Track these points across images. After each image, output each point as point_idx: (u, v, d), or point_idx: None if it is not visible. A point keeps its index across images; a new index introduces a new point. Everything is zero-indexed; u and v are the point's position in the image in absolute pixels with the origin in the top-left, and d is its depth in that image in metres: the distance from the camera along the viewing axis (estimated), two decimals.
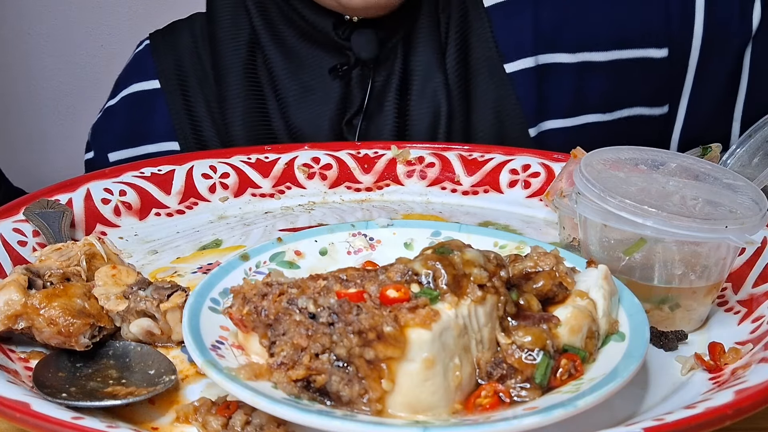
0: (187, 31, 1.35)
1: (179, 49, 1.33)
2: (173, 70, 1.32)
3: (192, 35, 1.34)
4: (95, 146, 1.37)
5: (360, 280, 0.64)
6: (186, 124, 1.30)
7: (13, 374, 0.68)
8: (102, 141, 1.36)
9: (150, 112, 1.33)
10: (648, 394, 0.68)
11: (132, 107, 1.34)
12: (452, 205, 1.10)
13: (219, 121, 1.28)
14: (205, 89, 1.30)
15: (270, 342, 0.63)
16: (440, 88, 1.23)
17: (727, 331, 0.77)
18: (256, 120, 1.27)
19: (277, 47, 1.26)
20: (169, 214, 1.04)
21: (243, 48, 1.28)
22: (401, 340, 0.59)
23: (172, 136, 1.31)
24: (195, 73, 1.32)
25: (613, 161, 0.81)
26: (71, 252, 0.79)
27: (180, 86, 1.31)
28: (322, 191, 1.11)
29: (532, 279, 0.68)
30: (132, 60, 1.38)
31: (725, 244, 0.73)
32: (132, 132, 1.33)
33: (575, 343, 0.65)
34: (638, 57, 1.24)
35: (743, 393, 0.61)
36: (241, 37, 1.28)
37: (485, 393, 0.61)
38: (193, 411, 0.63)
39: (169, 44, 1.34)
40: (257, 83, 1.28)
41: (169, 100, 1.31)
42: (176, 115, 1.31)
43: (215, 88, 1.29)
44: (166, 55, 1.33)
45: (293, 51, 1.26)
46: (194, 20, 1.36)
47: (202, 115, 1.30)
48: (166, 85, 1.31)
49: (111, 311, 0.73)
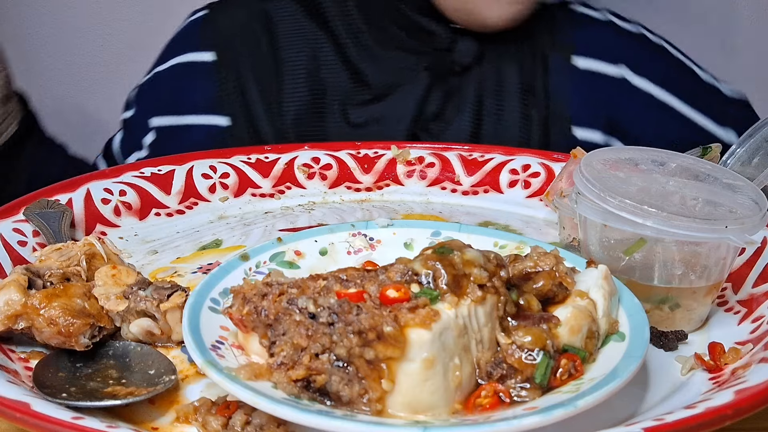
0: (244, 7, 1.33)
1: (236, 24, 1.32)
2: (228, 45, 1.30)
3: (249, 11, 1.32)
4: (138, 107, 1.35)
5: (360, 280, 0.64)
6: (236, 100, 1.29)
7: (13, 374, 0.68)
8: (146, 104, 1.35)
9: (199, 83, 1.31)
10: (648, 394, 0.68)
11: (182, 76, 1.32)
12: (452, 205, 1.10)
13: (274, 105, 1.28)
14: (260, 69, 1.29)
15: (270, 342, 0.63)
16: (516, 110, 1.26)
17: (727, 331, 0.77)
18: (310, 117, 1.28)
19: (361, 47, 1.27)
20: (169, 214, 1.04)
21: (304, 45, 1.28)
22: (401, 340, 0.59)
23: (219, 110, 1.29)
24: (249, 50, 1.30)
25: (613, 161, 0.81)
26: (71, 252, 0.79)
27: (233, 62, 1.30)
28: (322, 191, 1.11)
29: (532, 279, 0.68)
30: (185, 28, 1.36)
31: (725, 244, 0.73)
32: (178, 100, 1.32)
33: (575, 343, 0.65)
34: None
35: (743, 393, 0.61)
36: (304, 32, 1.29)
37: (485, 393, 0.61)
38: (193, 411, 0.63)
39: (226, 17, 1.33)
40: (319, 81, 1.28)
41: (221, 73, 1.30)
42: (226, 89, 1.29)
43: (273, 72, 1.28)
44: (222, 28, 1.32)
45: (380, 52, 1.28)
46: None
47: (254, 93, 1.28)
48: (220, 58, 1.30)
49: (111, 311, 0.73)
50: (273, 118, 1.28)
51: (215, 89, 1.30)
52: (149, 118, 1.33)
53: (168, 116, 1.32)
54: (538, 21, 1.28)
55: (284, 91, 1.28)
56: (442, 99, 1.26)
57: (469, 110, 1.26)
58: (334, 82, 1.28)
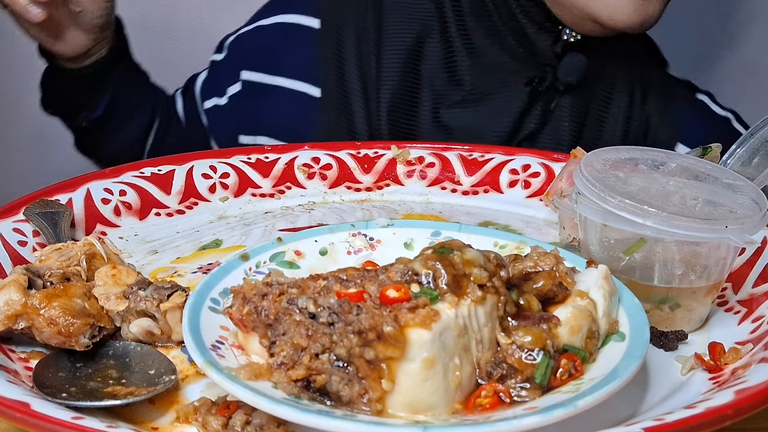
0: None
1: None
2: (335, 14, 1.28)
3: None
4: (231, 54, 1.34)
5: (360, 280, 0.64)
6: (333, 74, 1.27)
7: (13, 374, 0.68)
8: (241, 53, 1.34)
9: (299, 46, 1.30)
10: (648, 394, 0.68)
11: (283, 35, 1.31)
12: (452, 205, 1.10)
13: (371, 88, 1.26)
14: (361, 46, 1.27)
15: (270, 342, 0.63)
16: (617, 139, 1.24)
17: (727, 331, 0.77)
18: (402, 109, 1.26)
19: (465, 45, 1.25)
20: (169, 214, 1.04)
21: (412, 35, 1.26)
22: (401, 340, 0.59)
23: (312, 78, 1.28)
24: (355, 24, 1.28)
25: (613, 161, 0.81)
26: (71, 252, 0.79)
27: (337, 33, 1.28)
28: (322, 191, 1.11)
29: (532, 279, 0.68)
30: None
31: (725, 244, 0.73)
32: (274, 59, 1.31)
33: (575, 343, 0.65)
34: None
35: (743, 393, 0.61)
36: (414, 24, 1.26)
37: (485, 393, 0.61)
38: (193, 411, 0.63)
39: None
40: (416, 72, 1.26)
41: (323, 43, 1.28)
42: (325, 59, 1.28)
43: (374, 53, 1.26)
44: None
45: (483, 54, 1.25)
46: None
47: (352, 71, 1.26)
48: (325, 26, 1.28)
49: (111, 311, 0.73)
50: (367, 101, 1.26)
51: (314, 56, 1.28)
52: (240, 70, 1.32)
53: (260, 73, 1.30)
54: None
55: (382, 77, 1.25)
56: (540, 117, 1.24)
57: (566, 132, 1.25)
58: (431, 77, 1.26)
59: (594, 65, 1.24)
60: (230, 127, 1.34)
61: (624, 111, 1.27)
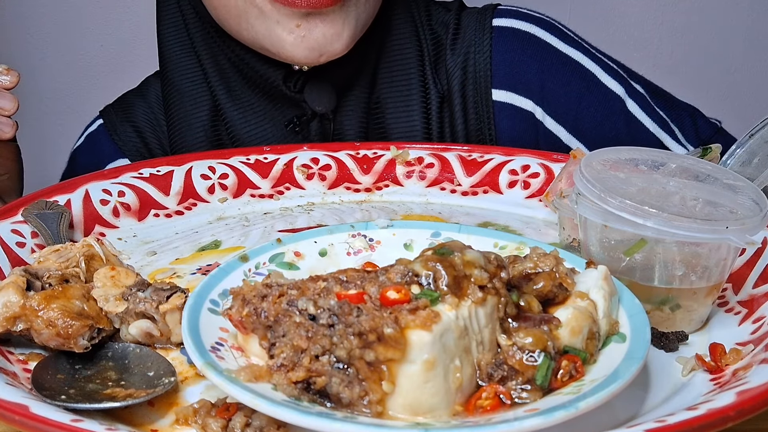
0: (141, 102, 1.33)
1: (137, 124, 1.32)
2: (136, 146, 1.31)
3: (148, 106, 1.33)
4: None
5: (360, 282, 0.64)
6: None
7: (11, 376, 0.67)
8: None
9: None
10: (649, 395, 0.68)
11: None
12: (452, 205, 1.09)
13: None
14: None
15: (270, 344, 0.63)
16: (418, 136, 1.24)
17: (727, 332, 0.77)
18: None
19: (235, 104, 1.24)
20: (168, 215, 1.03)
21: (205, 113, 1.26)
22: (401, 342, 0.58)
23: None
24: (157, 143, 1.31)
25: (613, 162, 0.81)
26: (70, 253, 0.79)
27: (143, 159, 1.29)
28: (321, 192, 1.11)
29: (533, 280, 0.68)
30: (88, 139, 1.35)
31: (726, 244, 0.73)
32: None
33: (576, 344, 0.65)
34: None
35: (745, 394, 0.61)
36: (202, 102, 1.26)
37: (486, 395, 0.61)
38: (193, 413, 0.63)
39: (125, 120, 1.32)
40: (220, 144, 1.26)
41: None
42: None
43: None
44: (124, 132, 1.31)
45: (250, 106, 1.24)
46: (146, 88, 1.34)
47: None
48: (133, 160, 1.29)
49: (110, 313, 0.73)
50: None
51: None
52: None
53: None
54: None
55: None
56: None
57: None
58: (231, 143, 1.26)
59: (349, 84, 1.23)
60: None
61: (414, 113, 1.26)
